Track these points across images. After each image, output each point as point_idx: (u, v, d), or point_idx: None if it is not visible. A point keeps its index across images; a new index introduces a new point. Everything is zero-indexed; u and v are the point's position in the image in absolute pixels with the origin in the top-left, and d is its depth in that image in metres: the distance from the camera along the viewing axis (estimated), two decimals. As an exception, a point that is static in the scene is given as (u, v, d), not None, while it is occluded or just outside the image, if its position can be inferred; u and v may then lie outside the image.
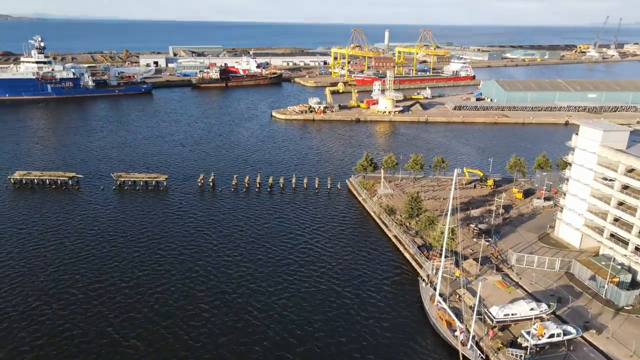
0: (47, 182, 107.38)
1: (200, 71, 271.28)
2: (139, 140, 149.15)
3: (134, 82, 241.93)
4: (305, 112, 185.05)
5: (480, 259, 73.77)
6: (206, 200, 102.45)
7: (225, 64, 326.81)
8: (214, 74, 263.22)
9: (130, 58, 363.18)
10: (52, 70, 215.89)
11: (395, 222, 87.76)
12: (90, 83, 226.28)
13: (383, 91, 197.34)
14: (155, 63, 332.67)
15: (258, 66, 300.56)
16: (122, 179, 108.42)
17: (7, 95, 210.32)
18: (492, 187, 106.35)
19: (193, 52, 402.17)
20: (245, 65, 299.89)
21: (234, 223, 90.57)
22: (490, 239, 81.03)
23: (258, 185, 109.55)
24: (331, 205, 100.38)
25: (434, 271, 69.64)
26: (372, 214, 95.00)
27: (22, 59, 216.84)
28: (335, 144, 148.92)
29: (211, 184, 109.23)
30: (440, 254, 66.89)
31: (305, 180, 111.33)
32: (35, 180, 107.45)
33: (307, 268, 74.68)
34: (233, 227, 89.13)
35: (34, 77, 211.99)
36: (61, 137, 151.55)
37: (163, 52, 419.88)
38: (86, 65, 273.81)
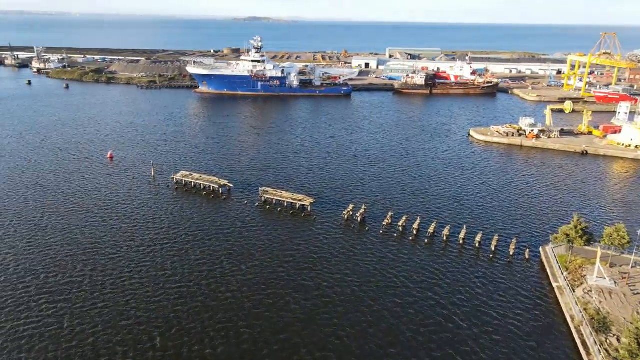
0: (202, 187, 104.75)
1: (406, 75, 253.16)
2: (311, 147, 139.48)
3: (336, 83, 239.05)
4: (512, 135, 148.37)
5: None
6: (349, 238, 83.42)
7: (437, 68, 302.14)
8: (419, 79, 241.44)
9: (347, 59, 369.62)
10: (264, 68, 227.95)
11: (605, 350, 53.21)
12: (295, 83, 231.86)
13: (632, 114, 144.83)
14: (366, 65, 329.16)
15: (473, 73, 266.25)
16: (267, 196, 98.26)
17: (225, 90, 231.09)
18: None
19: (409, 54, 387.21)
20: (459, 71, 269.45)
21: (373, 277, 69.44)
22: None
23: (415, 232, 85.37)
24: (506, 284, 69.64)
25: None
26: (568, 318, 61.20)
27: (242, 57, 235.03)
28: (542, 186, 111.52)
29: (359, 218, 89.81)
30: None
31: (478, 237, 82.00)
32: (193, 183, 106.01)
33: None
34: (370, 281, 68.29)
35: (248, 75, 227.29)
36: (242, 138, 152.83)
37: (380, 54, 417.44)
38: (302, 65, 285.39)
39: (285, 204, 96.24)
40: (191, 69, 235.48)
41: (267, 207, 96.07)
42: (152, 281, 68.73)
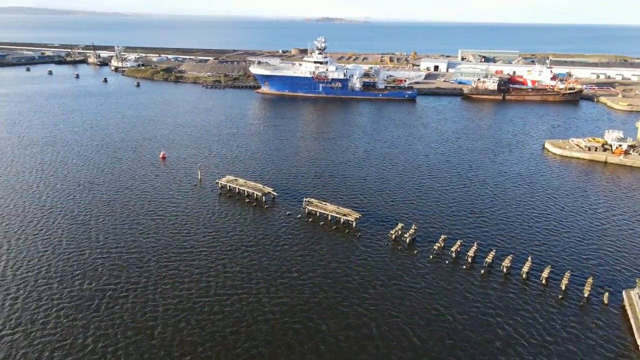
0: (245, 194, 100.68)
1: (477, 79, 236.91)
2: (367, 155, 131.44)
3: (400, 87, 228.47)
4: (595, 150, 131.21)
5: None
6: (395, 261, 75.17)
7: (513, 72, 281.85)
8: (491, 84, 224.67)
9: (416, 61, 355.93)
10: (326, 70, 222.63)
11: None
12: (358, 85, 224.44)
13: None
14: (436, 67, 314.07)
15: (553, 77, 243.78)
16: (311, 208, 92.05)
17: (286, 90, 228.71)
18: None
19: (483, 56, 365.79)
20: (537, 75, 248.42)
21: (419, 309, 61.06)
22: None
23: (470, 260, 75.30)
24: (577, 334, 58.15)
25: None
26: (657, 390, 49.24)
27: (304, 58, 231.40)
28: (630, 213, 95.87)
29: (408, 239, 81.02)
30: None
31: (545, 272, 70.42)
32: (237, 190, 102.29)
33: None
34: (415, 314, 60.08)
35: (310, 76, 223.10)
36: (295, 142, 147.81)
37: (452, 56, 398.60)
38: (367, 67, 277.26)
39: (330, 218, 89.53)
40: (254, 69, 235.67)
41: (310, 219, 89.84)
42: (179, 295, 64.84)
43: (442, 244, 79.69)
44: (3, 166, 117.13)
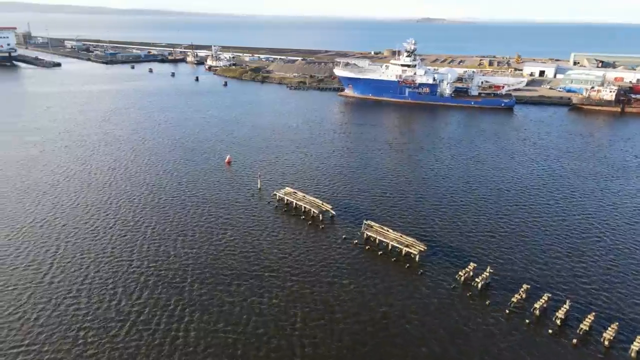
0: (303, 209, 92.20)
1: (590, 87, 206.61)
2: (448, 172, 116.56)
3: (497, 94, 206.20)
4: None
5: None
6: (462, 311, 62.01)
7: (637, 80, 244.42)
8: (607, 93, 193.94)
9: (519, 65, 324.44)
10: (414, 74, 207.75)
11: None
12: (447, 91, 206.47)
13: None
14: (541, 73, 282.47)
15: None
16: (370, 233, 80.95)
17: (370, 94, 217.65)
18: None
19: (600, 61, 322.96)
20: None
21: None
22: None
23: (559, 322, 59.48)
24: None
25: None
26: None
27: (391, 61, 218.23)
28: None
29: (480, 284, 66.86)
30: None
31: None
32: (294, 204, 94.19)
33: None
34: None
35: (396, 80, 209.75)
36: (370, 152, 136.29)
37: (563, 60, 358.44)
38: (462, 70, 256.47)
39: (390, 247, 77.84)
40: (338, 71, 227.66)
41: (368, 247, 78.83)
42: (208, 321, 57.99)
43: (524, 296, 64.46)
44: (83, 162, 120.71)
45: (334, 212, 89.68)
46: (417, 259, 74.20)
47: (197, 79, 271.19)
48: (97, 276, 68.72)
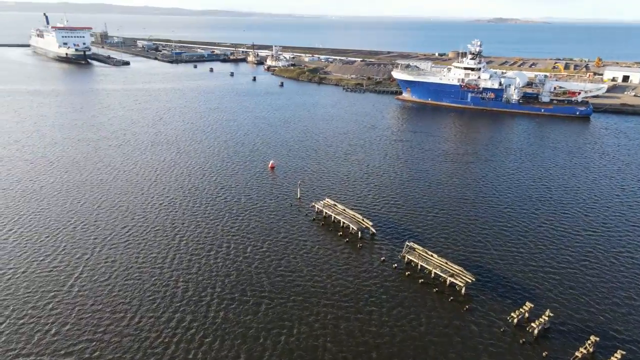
0: (341, 224, 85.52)
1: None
2: (507, 189, 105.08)
3: (571, 101, 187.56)
4: None
5: None
6: (518, 354, 53.06)
7: None
8: None
9: (599, 69, 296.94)
10: (478, 78, 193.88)
11: None
12: (515, 97, 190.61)
13: None
14: (625, 78, 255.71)
15: None
16: (412, 257, 72.78)
17: (429, 99, 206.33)
18: None
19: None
20: None
21: None
22: None
23: (633, 389, 48.81)
24: None
25: None
26: None
27: (453, 64, 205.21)
28: None
29: (537, 330, 56.93)
30: None
31: None
32: (332, 218, 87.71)
33: None
34: None
35: (458, 84, 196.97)
36: (423, 163, 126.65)
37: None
38: (532, 74, 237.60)
39: (433, 275, 69.37)
40: (396, 74, 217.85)
41: (408, 273, 70.80)
42: (230, 353, 53.20)
43: (591, 350, 53.99)
44: (131, 162, 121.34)
45: (374, 230, 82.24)
46: (463, 291, 65.28)
47: (254, 79, 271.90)
48: (121, 288, 66.11)
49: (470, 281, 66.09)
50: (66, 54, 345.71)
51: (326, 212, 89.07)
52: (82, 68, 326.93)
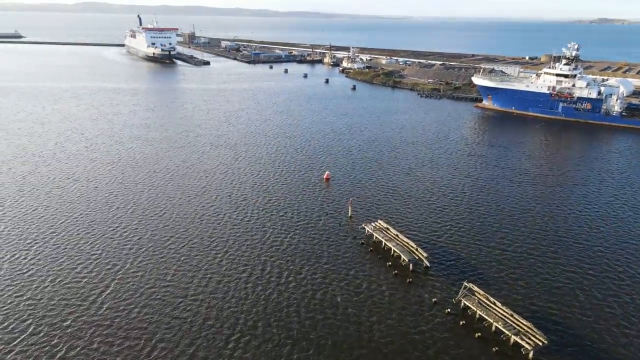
0: (392, 253, 75.30)
1: None
2: (600, 222, 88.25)
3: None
4: None
5: None
6: None
7: None
8: None
9: None
10: (572, 86, 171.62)
11: None
12: (617, 108, 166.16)
13: None
14: None
15: None
16: (468, 302, 61.01)
17: (512, 108, 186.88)
18: None
19: None
20: None
21: None
22: None
23: None
24: None
25: None
26: None
27: (544, 70, 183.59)
28: None
29: None
30: None
31: None
32: (383, 244, 77.70)
33: None
34: None
35: (547, 92, 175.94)
36: (498, 183, 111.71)
37: None
38: None
39: (493, 329, 57.30)
40: (476, 79, 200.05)
41: (463, 322, 59.25)
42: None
43: None
44: (188, 165, 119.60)
45: (428, 263, 71.15)
46: (530, 356, 52.73)
47: (327, 81, 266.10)
48: (142, 309, 61.60)
49: (541, 344, 53.36)
50: (153, 53, 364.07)
51: (377, 237, 79.35)
52: (166, 67, 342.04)
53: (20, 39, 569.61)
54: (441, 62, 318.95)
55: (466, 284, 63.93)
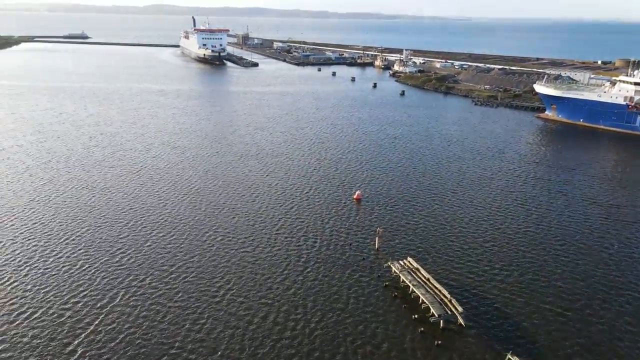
0: (420, 302, 62.57)
1: None
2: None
3: None
4: None
5: None
6: None
7: None
8: None
9: None
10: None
11: None
12: None
13: None
14: None
15: None
16: (513, 387, 47.66)
17: (580, 120, 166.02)
18: None
19: None
20: None
21: None
22: None
23: None
24: None
25: None
26: None
27: (620, 77, 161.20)
28: None
29: None
30: None
31: None
32: (411, 290, 65.06)
33: None
34: None
35: (624, 103, 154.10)
36: (561, 215, 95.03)
37: None
38: None
39: None
40: (538, 87, 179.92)
41: (502, 412, 46.02)
42: None
43: None
44: (216, 175, 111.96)
45: (463, 322, 57.86)
46: None
47: (374, 86, 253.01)
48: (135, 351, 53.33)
49: None
50: (204, 54, 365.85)
51: (403, 280, 66.92)
52: (214, 68, 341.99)
53: (85, 40, 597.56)
54: (500, 67, 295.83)
55: (510, 357, 50.54)
